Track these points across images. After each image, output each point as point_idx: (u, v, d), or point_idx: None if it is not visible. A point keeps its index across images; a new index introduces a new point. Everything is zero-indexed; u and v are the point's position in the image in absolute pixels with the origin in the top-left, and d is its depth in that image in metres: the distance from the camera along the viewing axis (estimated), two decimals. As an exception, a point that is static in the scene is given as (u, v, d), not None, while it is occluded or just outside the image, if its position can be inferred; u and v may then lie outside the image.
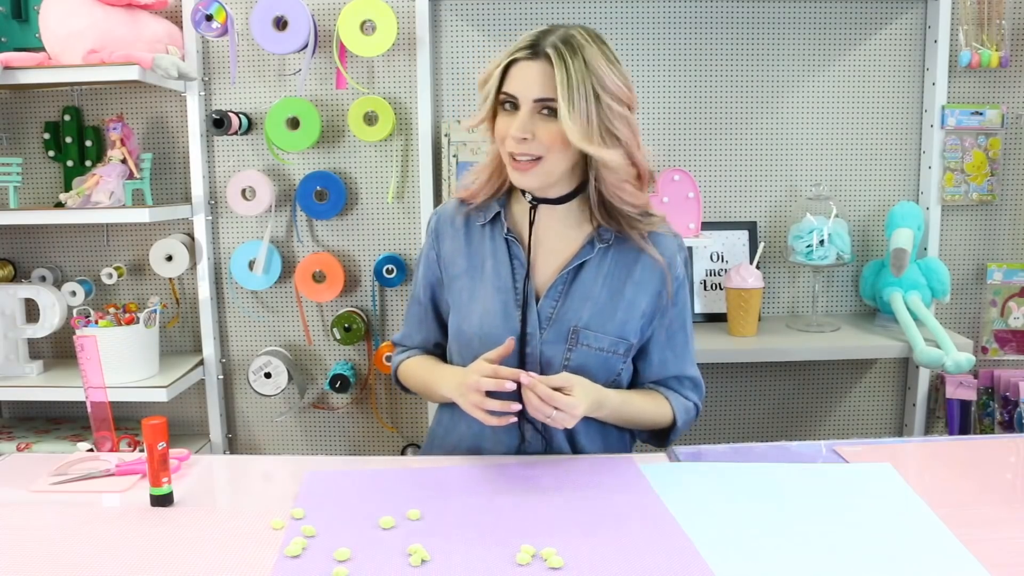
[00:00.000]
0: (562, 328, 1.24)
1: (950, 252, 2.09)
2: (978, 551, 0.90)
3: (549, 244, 1.27)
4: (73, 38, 1.76)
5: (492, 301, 1.26)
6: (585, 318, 1.24)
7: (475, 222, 1.31)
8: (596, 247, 1.26)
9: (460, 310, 1.29)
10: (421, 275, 1.38)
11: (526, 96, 1.16)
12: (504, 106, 1.20)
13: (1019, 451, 1.26)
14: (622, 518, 1.00)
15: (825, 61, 2.05)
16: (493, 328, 1.24)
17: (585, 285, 1.25)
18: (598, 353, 1.24)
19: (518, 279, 1.26)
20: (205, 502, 1.09)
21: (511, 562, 0.89)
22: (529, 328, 1.24)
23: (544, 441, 1.28)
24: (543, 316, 1.25)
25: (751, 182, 2.09)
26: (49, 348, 2.13)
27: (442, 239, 1.33)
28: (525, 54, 1.16)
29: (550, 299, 1.25)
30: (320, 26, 1.98)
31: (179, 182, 2.09)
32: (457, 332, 1.30)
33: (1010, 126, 2.04)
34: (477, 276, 1.28)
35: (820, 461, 1.20)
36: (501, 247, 1.28)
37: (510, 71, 1.18)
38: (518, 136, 1.16)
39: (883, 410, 2.18)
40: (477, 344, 1.24)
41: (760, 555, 0.91)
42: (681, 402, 1.32)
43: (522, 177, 1.20)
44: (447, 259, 1.32)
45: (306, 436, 2.18)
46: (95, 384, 1.24)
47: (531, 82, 1.16)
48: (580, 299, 1.25)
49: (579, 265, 1.26)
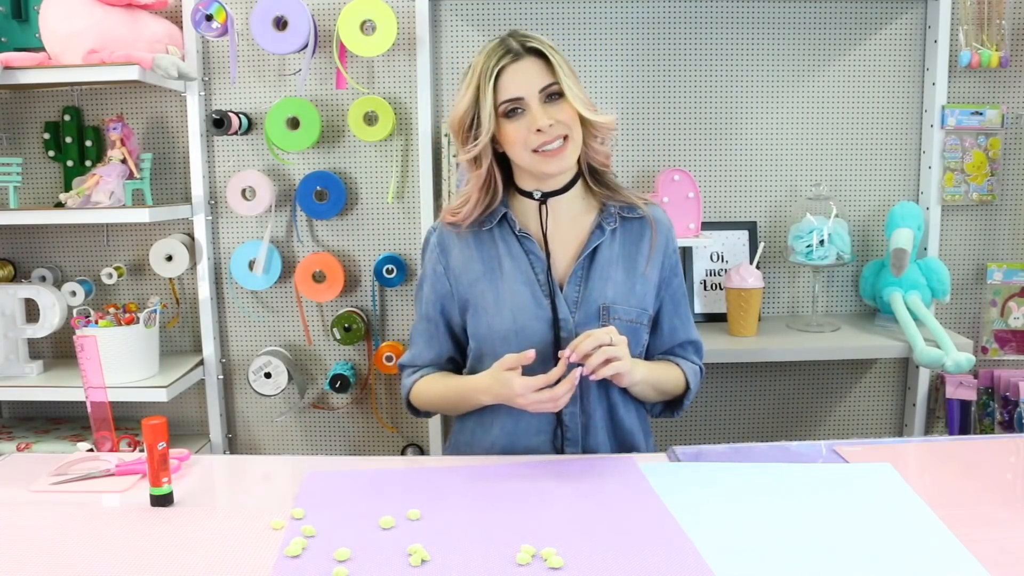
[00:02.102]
0: (591, 308, 1.29)
1: (950, 252, 2.09)
2: (978, 551, 0.90)
3: (561, 235, 1.33)
4: (73, 38, 1.76)
5: (520, 296, 1.30)
6: (610, 295, 1.30)
7: (481, 228, 1.34)
8: (606, 231, 1.32)
9: (487, 311, 1.31)
10: (427, 292, 1.38)
11: (531, 90, 1.23)
12: (507, 116, 1.25)
13: (1019, 451, 1.26)
14: (622, 518, 1.00)
15: (825, 61, 2.05)
16: (528, 320, 1.28)
17: (602, 266, 1.32)
18: (629, 325, 1.31)
19: (539, 272, 1.31)
20: (205, 502, 1.09)
21: (511, 562, 0.89)
22: (561, 314, 1.29)
23: (583, 427, 1.31)
24: (570, 301, 1.30)
25: (751, 182, 2.09)
26: (49, 348, 2.13)
27: (448, 251, 1.35)
28: (508, 60, 1.24)
29: (573, 284, 1.31)
30: (320, 26, 1.98)
31: (179, 182, 2.09)
32: (488, 332, 1.31)
33: (1010, 126, 2.04)
34: (497, 277, 1.31)
35: (820, 461, 1.20)
36: (515, 245, 1.32)
37: (501, 81, 1.24)
38: (546, 124, 1.22)
39: (883, 410, 2.18)
40: (514, 339, 1.28)
41: (760, 555, 0.91)
42: (690, 366, 1.40)
43: (559, 161, 1.26)
44: (460, 268, 1.34)
45: (306, 436, 2.18)
46: (95, 384, 1.24)
47: (529, 78, 1.23)
48: (601, 280, 1.31)
49: (594, 249, 1.32)
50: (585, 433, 1.31)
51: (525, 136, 1.23)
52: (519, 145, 1.25)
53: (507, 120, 1.25)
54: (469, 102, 1.25)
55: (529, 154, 1.25)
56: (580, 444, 1.31)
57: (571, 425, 1.30)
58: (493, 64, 1.23)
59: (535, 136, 1.23)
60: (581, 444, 1.31)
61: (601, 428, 1.32)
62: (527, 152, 1.25)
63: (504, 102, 1.24)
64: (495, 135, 1.26)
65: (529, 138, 1.23)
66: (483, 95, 1.23)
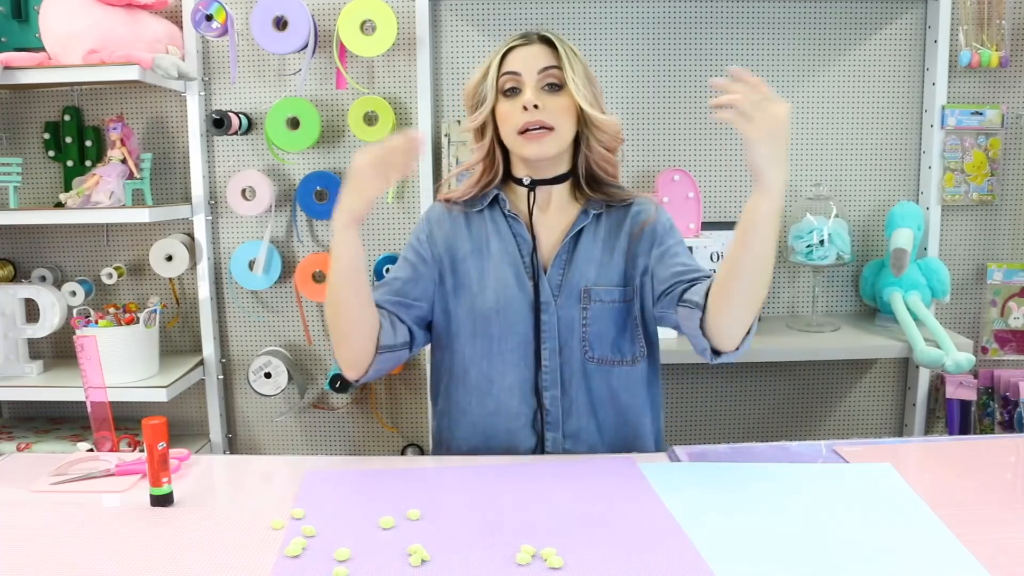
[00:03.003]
0: (573, 291, 1.30)
1: (950, 252, 2.09)
2: (978, 551, 0.90)
3: (548, 220, 1.34)
4: (73, 38, 1.76)
5: (504, 276, 1.31)
6: (592, 277, 1.30)
7: (471, 210, 1.36)
8: (590, 214, 1.33)
9: (470, 289, 1.32)
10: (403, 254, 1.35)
11: (531, 69, 1.26)
12: (506, 94, 1.27)
13: (1019, 451, 1.26)
14: (622, 518, 1.00)
15: (825, 61, 2.05)
16: (510, 300, 1.29)
17: (586, 248, 1.32)
18: (611, 306, 1.30)
19: (524, 253, 1.32)
20: (205, 502, 1.09)
21: (511, 562, 0.89)
22: (543, 297, 1.29)
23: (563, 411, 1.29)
24: (552, 284, 1.30)
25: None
26: (49, 348, 2.13)
27: (439, 225, 1.36)
28: (520, 42, 1.28)
29: (557, 267, 1.31)
30: (320, 26, 1.98)
31: (179, 182, 2.09)
32: (469, 310, 1.31)
33: (1010, 126, 2.04)
34: (484, 255, 1.33)
35: (820, 461, 1.20)
36: (503, 226, 1.34)
37: (508, 58, 1.28)
38: (530, 102, 1.23)
39: (883, 410, 2.18)
40: (495, 317, 1.29)
41: (760, 555, 0.91)
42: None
43: (538, 147, 1.26)
44: (448, 244, 1.34)
45: (306, 436, 2.18)
46: (95, 384, 1.24)
47: (532, 58, 1.26)
48: (584, 262, 1.31)
49: (578, 232, 1.32)
50: (566, 417, 1.30)
51: (514, 114, 1.25)
52: (508, 124, 1.27)
53: (504, 98, 1.27)
54: (480, 75, 1.30)
55: (514, 135, 1.26)
56: (560, 428, 1.30)
57: (551, 408, 1.30)
58: (506, 44, 1.29)
59: (521, 114, 1.24)
60: (562, 428, 1.30)
61: (585, 412, 1.31)
62: (513, 133, 1.26)
63: (504, 75, 1.27)
64: (494, 111, 1.29)
65: (517, 116, 1.25)
66: (490, 69, 1.28)
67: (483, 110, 1.29)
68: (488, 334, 1.30)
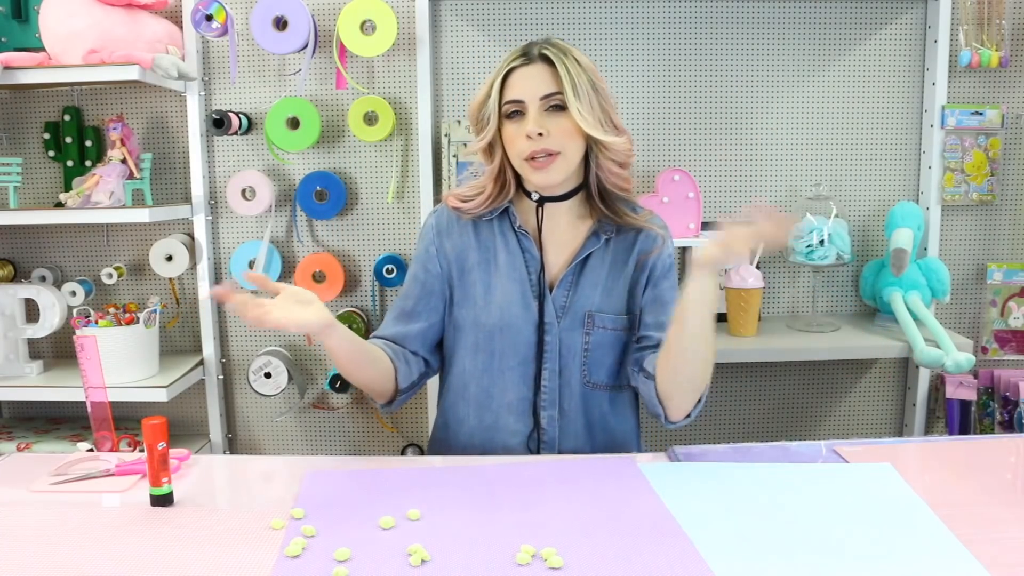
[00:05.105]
0: (577, 314, 1.29)
1: (950, 252, 2.09)
2: (978, 551, 0.90)
3: (557, 238, 1.32)
4: (73, 38, 1.76)
5: (510, 293, 1.29)
6: (597, 302, 1.30)
7: (481, 219, 1.34)
8: (601, 239, 1.31)
9: (476, 303, 1.31)
10: (414, 270, 1.35)
11: (533, 95, 1.22)
12: (509, 116, 1.24)
13: (1019, 451, 1.26)
14: (622, 518, 1.00)
15: (825, 61, 2.05)
16: (513, 318, 1.29)
17: (594, 272, 1.31)
18: (613, 333, 1.30)
19: (531, 271, 1.31)
20: (205, 502, 1.09)
21: (511, 562, 0.89)
22: (547, 318, 1.29)
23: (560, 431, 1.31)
24: (558, 305, 1.30)
25: (751, 182, 2.09)
26: (49, 348, 2.13)
27: (447, 234, 1.34)
28: (520, 62, 1.24)
29: (563, 288, 1.30)
30: (320, 26, 1.98)
31: (179, 182, 2.09)
32: (473, 324, 1.31)
33: (1010, 126, 2.04)
34: (492, 268, 1.31)
35: (820, 461, 1.20)
36: (512, 241, 1.32)
37: (508, 81, 1.24)
38: (534, 131, 1.20)
39: (883, 410, 2.18)
40: (498, 335, 1.29)
41: (760, 555, 0.91)
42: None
43: (544, 175, 1.24)
44: (457, 253, 1.33)
45: (306, 436, 2.18)
46: (95, 384, 1.24)
47: (534, 82, 1.22)
48: (590, 286, 1.30)
49: (587, 256, 1.31)
50: (563, 437, 1.31)
51: (519, 140, 1.23)
52: (514, 148, 1.25)
53: (508, 121, 1.25)
54: (483, 96, 1.27)
55: (520, 160, 1.25)
56: (556, 448, 1.31)
57: (548, 428, 1.31)
58: (507, 63, 1.25)
59: (526, 143, 1.22)
60: (557, 448, 1.31)
61: (581, 434, 1.32)
62: (520, 158, 1.25)
63: (506, 103, 1.24)
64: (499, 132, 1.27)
65: (522, 143, 1.23)
66: (493, 91, 1.25)
67: (487, 133, 1.26)
68: (490, 350, 1.30)
